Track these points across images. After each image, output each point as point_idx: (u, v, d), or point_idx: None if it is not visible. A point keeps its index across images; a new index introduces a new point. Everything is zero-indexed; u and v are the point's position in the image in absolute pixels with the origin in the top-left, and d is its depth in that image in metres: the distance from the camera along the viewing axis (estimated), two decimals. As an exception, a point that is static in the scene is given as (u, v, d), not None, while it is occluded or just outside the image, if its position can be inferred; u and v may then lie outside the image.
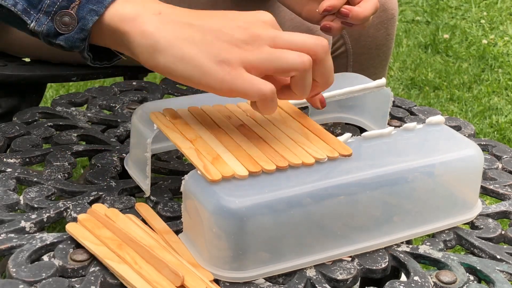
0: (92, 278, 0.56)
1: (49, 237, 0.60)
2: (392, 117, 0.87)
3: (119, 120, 0.83)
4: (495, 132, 2.00)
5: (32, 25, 0.61)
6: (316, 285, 0.57)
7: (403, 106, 0.91)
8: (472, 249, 0.64)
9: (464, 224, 0.67)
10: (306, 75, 0.59)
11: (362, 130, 0.82)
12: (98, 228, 0.60)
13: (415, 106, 0.91)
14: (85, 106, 0.87)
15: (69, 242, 0.60)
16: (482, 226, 0.67)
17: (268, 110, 0.59)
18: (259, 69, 0.58)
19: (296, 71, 0.59)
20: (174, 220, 0.64)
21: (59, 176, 0.69)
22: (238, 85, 0.58)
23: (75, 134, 0.78)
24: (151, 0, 0.62)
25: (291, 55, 0.58)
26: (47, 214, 0.63)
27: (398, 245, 0.63)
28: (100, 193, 0.67)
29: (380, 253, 0.61)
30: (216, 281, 0.56)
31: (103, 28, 0.61)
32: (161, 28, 0.59)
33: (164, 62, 0.59)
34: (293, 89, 0.61)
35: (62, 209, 0.64)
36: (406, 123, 0.80)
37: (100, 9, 0.60)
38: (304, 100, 0.71)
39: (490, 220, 0.68)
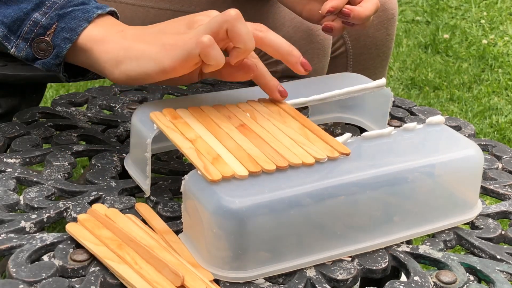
0: (92, 278, 0.56)
1: (49, 237, 0.60)
2: (392, 117, 0.87)
3: (119, 120, 0.83)
4: (495, 132, 2.00)
5: (12, 50, 0.68)
6: (316, 285, 0.57)
7: (403, 106, 0.91)
8: (472, 249, 0.64)
9: (464, 224, 0.67)
10: (236, 23, 0.62)
11: (362, 130, 0.82)
12: (98, 228, 0.60)
13: (415, 106, 0.91)
14: (85, 106, 0.87)
15: (69, 242, 0.60)
16: (482, 226, 0.67)
17: (212, 58, 0.61)
18: None
19: (226, 23, 0.62)
20: (174, 220, 0.64)
21: (59, 176, 0.69)
22: (179, 50, 0.62)
23: (75, 134, 0.78)
24: (117, 23, 0.69)
25: (218, 16, 0.63)
26: (47, 214, 0.63)
27: (398, 245, 0.63)
28: (100, 193, 0.67)
29: (380, 253, 0.61)
30: (216, 281, 0.56)
31: (76, 51, 0.67)
32: (121, 42, 0.66)
33: (124, 68, 0.65)
34: (234, 43, 0.63)
35: (62, 209, 0.64)
36: (406, 123, 0.80)
37: (73, 36, 0.66)
38: (304, 100, 0.71)
39: (490, 220, 0.68)
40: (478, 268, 0.61)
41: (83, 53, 0.67)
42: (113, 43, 0.66)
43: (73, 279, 0.56)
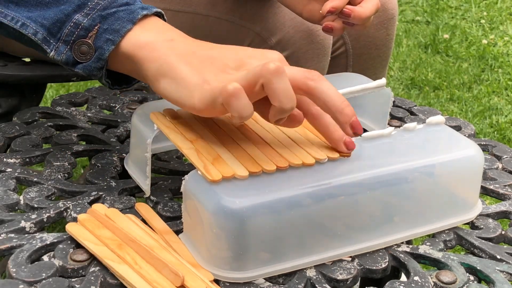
0: (92, 278, 0.56)
1: (49, 237, 0.60)
2: (392, 117, 0.87)
3: (119, 120, 0.83)
4: (495, 132, 2.00)
5: (51, 54, 0.63)
6: (316, 285, 0.57)
7: (403, 106, 0.91)
8: (472, 249, 0.64)
9: (464, 224, 0.67)
10: (273, 79, 0.55)
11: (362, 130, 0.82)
12: (98, 228, 0.60)
13: (415, 106, 0.91)
14: (85, 106, 0.87)
15: (69, 242, 0.60)
16: (482, 226, 0.67)
17: (234, 109, 0.56)
18: None
19: (262, 78, 0.56)
20: (174, 220, 0.64)
21: (59, 176, 0.69)
22: (209, 93, 0.57)
23: (75, 134, 0.78)
24: (167, 28, 0.64)
25: (257, 67, 0.56)
26: (47, 214, 0.63)
27: (398, 245, 0.63)
28: (100, 193, 0.67)
29: (380, 253, 0.61)
30: (216, 281, 0.56)
31: (119, 55, 0.63)
32: (168, 53, 0.61)
33: (163, 84, 0.60)
34: (270, 100, 0.57)
35: (62, 209, 0.64)
36: (406, 123, 0.80)
37: (116, 38, 0.62)
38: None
39: (490, 220, 0.68)
40: (478, 268, 0.61)
41: (126, 58, 0.62)
42: (159, 53, 0.61)
43: (73, 279, 0.56)
